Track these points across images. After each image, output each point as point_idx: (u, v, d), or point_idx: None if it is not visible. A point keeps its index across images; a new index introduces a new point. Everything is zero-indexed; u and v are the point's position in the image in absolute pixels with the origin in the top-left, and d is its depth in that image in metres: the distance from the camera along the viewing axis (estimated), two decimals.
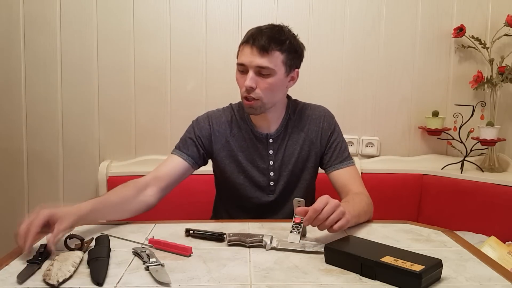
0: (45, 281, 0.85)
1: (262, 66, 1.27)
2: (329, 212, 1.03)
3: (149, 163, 2.06)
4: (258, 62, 1.27)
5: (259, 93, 1.29)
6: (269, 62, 1.27)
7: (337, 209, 1.04)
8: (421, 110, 2.13)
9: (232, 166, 1.40)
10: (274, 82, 1.30)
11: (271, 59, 1.27)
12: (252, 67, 1.28)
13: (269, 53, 1.27)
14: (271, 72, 1.28)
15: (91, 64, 2.07)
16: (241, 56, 1.31)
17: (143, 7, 2.05)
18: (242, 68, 1.31)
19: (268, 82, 1.29)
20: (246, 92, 1.29)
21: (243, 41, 1.32)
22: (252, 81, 1.28)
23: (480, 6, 2.09)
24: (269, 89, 1.30)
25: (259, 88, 1.29)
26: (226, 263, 0.95)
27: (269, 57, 1.27)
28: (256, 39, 1.27)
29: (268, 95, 1.30)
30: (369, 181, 1.99)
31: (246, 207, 1.41)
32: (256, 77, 1.28)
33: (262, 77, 1.29)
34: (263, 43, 1.26)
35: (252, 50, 1.27)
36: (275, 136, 1.39)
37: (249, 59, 1.28)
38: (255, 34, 1.29)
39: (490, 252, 1.41)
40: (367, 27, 2.11)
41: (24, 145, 2.09)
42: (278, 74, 1.30)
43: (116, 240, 1.09)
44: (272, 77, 1.29)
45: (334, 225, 1.04)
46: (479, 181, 1.91)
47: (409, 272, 0.83)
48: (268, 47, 1.26)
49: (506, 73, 1.98)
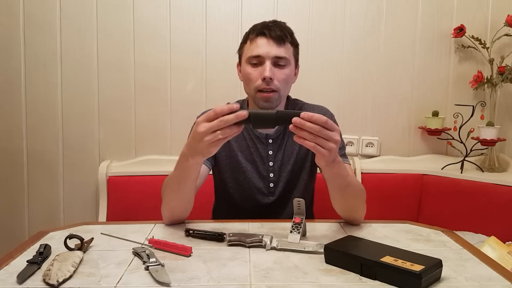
0: (45, 281, 0.85)
1: (280, 56, 1.29)
2: (328, 134, 0.97)
3: (149, 163, 2.06)
4: (276, 52, 1.29)
5: (277, 84, 1.29)
6: (285, 52, 1.30)
7: (335, 138, 0.98)
8: (421, 110, 2.13)
9: (232, 166, 1.39)
10: (289, 73, 1.32)
11: (287, 50, 1.31)
12: (269, 57, 1.28)
13: (285, 43, 1.30)
14: (286, 63, 1.31)
15: (91, 64, 2.07)
16: (256, 48, 1.30)
17: (143, 7, 2.05)
18: (256, 61, 1.31)
19: (284, 73, 1.31)
20: (266, 84, 1.28)
21: (256, 34, 1.31)
22: (271, 71, 1.28)
23: (480, 6, 2.09)
24: (285, 81, 1.31)
25: (276, 79, 1.29)
26: (226, 263, 0.95)
27: (285, 47, 1.30)
28: (271, 30, 1.29)
29: (284, 87, 1.32)
30: (369, 181, 2.01)
31: (245, 209, 1.40)
32: (273, 68, 1.29)
33: (279, 67, 1.30)
34: (279, 33, 1.29)
35: (269, 41, 1.29)
36: (274, 137, 1.39)
37: (266, 50, 1.29)
38: (267, 26, 1.31)
39: (490, 252, 1.41)
40: (367, 27, 2.11)
41: (24, 145, 2.09)
42: (291, 65, 1.33)
43: (116, 240, 1.09)
44: (287, 68, 1.31)
45: (322, 144, 0.97)
46: (479, 181, 1.90)
47: (409, 272, 0.83)
48: (284, 37, 1.30)
49: (506, 73, 1.98)
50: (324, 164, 1.04)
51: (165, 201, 1.20)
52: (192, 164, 1.08)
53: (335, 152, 1.01)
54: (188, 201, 1.19)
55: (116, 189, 1.98)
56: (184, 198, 1.18)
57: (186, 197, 1.17)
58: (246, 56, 1.33)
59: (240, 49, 1.39)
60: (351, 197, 1.18)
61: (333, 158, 1.03)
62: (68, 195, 2.12)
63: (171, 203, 1.19)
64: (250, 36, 1.33)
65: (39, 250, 0.98)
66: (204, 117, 1.00)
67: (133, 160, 2.09)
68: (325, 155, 0.99)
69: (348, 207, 1.20)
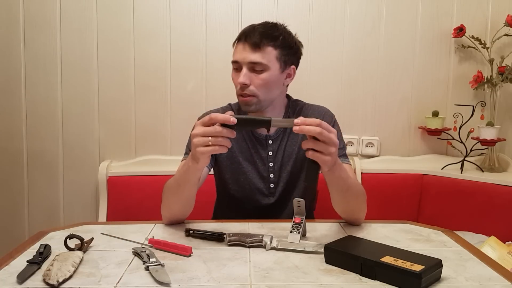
0: (45, 281, 0.85)
1: (255, 61, 1.28)
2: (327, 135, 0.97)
3: (149, 163, 2.06)
4: (250, 58, 1.28)
5: (254, 89, 1.30)
6: (261, 58, 1.28)
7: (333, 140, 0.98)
8: (421, 110, 2.13)
9: (232, 167, 1.39)
10: (268, 78, 1.30)
11: (264, 55, 1.28)
12: (245, 63, 1.29)
13: (261, 48, 1.28)
14: (264, 68, 1.29)
15: (91, 64, 2.07)
16: (235, 54, 1.32)
17: (143, 7, 2.05)
18: (236, 66, 1.32)
19: (261, 78, 1.29)
20: (241, 89, 1.30)
21: (236, 39, 1.34)
22: (246, 77, 1.28)
23: (480, 6, 2.09)
24: (263, 85, 1.30)
25: (253, 84, 1.29)
26: (226, 263, 0.95)
27: (262, 52, 1.28)
28: (248, 35, 1.29)
29: (263, 92, 1.31)
30: (369, 181, 2.01)
31: (246, 210, 1.40)
32: (250, 73, 1.29)
33: (255, 73, 1.29)
34: (255, 39, 1.28)
35: (244, 47, 1.29)
36: (274, 137, 1.39)
37: (242, 56, 1.29)
38: (247, 31, 1.31)
39: (490, 252, 1.41)
40: (367, 27, 2.11)
41: (24, 145, 2.09)
42: (272, 69, 1.30)
43: (116, 240, 1.09)
44: (265, 73, 1.29)
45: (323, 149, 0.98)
46: (479, 181, 1.90)
47: (409, 272, 0.83)
48: (259, 42, 1.28)
49: (506, 73, 1.98)
50: (327, 169, 1.04)
51: (165, 202, 1.21)
52: (191, 168, 1.09)
53: (335, 156, 1.02)
54: (187, 204, 1.20)
55: (116, 189, 1.98)
56: (183, 201, 1.18)
57: (185, 200, 1.18)
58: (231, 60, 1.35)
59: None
60: (352, 199, 1.18)
61: (334, 161, 1.04)
62: (68, 195, 2.12)
63: (171, 205, 1.20)
64: (235, 40, 1.35)
65: (39, 250, 0.98)
66: (200, 121, 1.02)
67: (133, 160, 2.09)
68: (327, 161, 1.00)
69: (349, 208, 1.20)
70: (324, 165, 1.01)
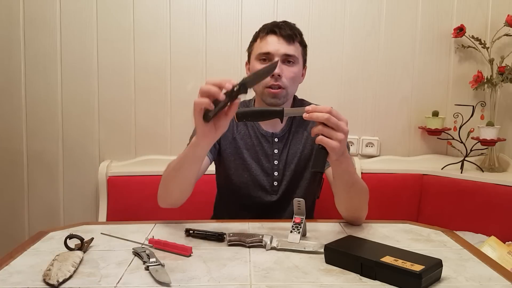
0: (45, 281, 0.85)
1: (289, 53, 1.33)
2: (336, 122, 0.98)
3: (149, 163, 2.06)
4: (285, 49, 1.33)
5: (285, 81, 1.33)
6: (294, 51, 1.35)
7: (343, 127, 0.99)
8: (421, 110, 2.13)
9: (237, 163, 1.40)
10: (297, 71, 1.36)
11: (296, 49, 1.35)
12: (279, 55, 1.33)
13: (294, 42, 1.35)
14: (295, 61, 1.35)
15: (91, 64, 2.07)
16: (266, 45, 1.35)
17: (143, 7, 2.05)
18: (265, 57, 1.35)
19: (293, 70, 1.35)
20: (274, 80, 1.32)
21: (266, 32, 1.36)
22: (280, 68, 1.32)
23: (480, 6, 2.09)
24: (293, 79, 1.35)
25: (285, 76, 1.33)
26: (226, 263, 0.95)
27: (294, 46, 1.35)
28: (281, 28, 1.34)
29: (291, 85, 1.36)
30: (369, 181, 1.98)
31: (248, 206, 1.41)
32: (282, 65, 1.33)
33: (287, 65, 1.34)
34: (289, 32, 1.34)
35: (279, 39, 1.34)
36: (280, 135, 1.40)
37: (276, 47, 1.33)
38: (277, 25, 1.36)
39: (490, 252, 1.41)
40: (367, 27, 2.11)
41: (24, 145, 2.09)
42: (300, 64, 1.37)
43: (116, 240, 1.09)
44: (296, 66, 1.35)
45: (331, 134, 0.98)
46: (479, 181, 1.91)
47: (409, 272, 0.83)
48: (293, 36, 1.34)
49: (506, 73, 1.98)
50: (335, 157, 1.03)
51: (163, 180, 1.20)
52: (194, 146, 1.07)
53: (344, 143, 1.01)
54: (184, 187, 1.19)
55: (116, 189, 1.98)
56: (181, 180, 1.17)
57: (183, 180, 1.17)
58: (255, 53, 1.37)
59: (249, 47, 1.43)
60: (356, 196, 1.17)
61: (343, 150, 1.03)
62: (68, 195, 2.12)
63: (169, 184, 1.19)
64: (261, 34, 1.38)
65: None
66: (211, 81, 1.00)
67: (133, 160, 2.09)
68: (335, 147, 0.99)
69: (352, 206, 1.19)
70: (332, 152, 1.00)
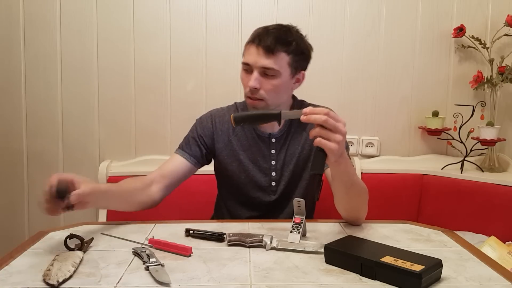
0: (45, 281, 0.85)
1: (267, 67, 1.26)
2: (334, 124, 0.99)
3: (149, 163, 2.06)
4: (263, 62, 1.26)
5: (263, 94, 1.28)
6: (274, 63, 1.26)
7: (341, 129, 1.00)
8: (421, 110, 2.13)
9: (234, 165, 1.40)
10: (278, 83, 1.29)
11: (277, 60, 1.26)
12: (257, 67, 1.27)
13: (275, 54, 1.26)
14: (275, 74, 1.27)
15: (91, 64, 2.07)
16: (247, 56, 1.30)
17: (143, 7, 2.05)
18: (247, 68, 1.30)
19: (272, 83, 1.28)
20: (250, 93, 1.29)
21: (249, 41, 1.31)
22: (256, 81, 1.27)
23: (480, 6, 2.09)
24: (273, 91, 1.29)
25: (263, 89, 1.28)
26: (226, 263, 0.95)
27: (275, 58, 1.26)
28: (262, 39, 1.27)
29: (272, 96, 1.30)
30: (369, 181, 1.99)
31: (248, 205, 1.41)
32: (261, 77, 1.27)
33: (266, 77, 1.28)
34: (269, 43, 1.25)
35: (258, 50, 1.26)
36: (278, 136, 1.39)
37: (254, 59, 1.27)
38: (261, 34, 1.28)
39: (490, 252, 1.41)
40: (367, 27, 2.11)
41: (24, 145, 2.09)
42: (283, 75, 1.29)
43: (116, 240, 1.09)
44: (276, 79, 1.28)
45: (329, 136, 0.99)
46: (479, 181, 1.91)
47: (409, 272, 0.83)
48: (273, 48, 1.25)
49: (506, 73, 1.98)
50: (333, 158, 1.02)
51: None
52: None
53: (342, 145, 1.01)
54: (126, 208, 1.29)
55: None
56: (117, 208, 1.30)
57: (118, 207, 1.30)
58: (242, 60, 1.33)
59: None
60: (355, 196, 1.17)
61: (341, 151, 1.03)
62: None
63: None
64: (248, 41, 1.32)
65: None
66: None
67: (133, 160, 2.09)
68: (333, 148, 0.99)
69: (351, 206, 1.19)
70: (330, 154, 1.00)
